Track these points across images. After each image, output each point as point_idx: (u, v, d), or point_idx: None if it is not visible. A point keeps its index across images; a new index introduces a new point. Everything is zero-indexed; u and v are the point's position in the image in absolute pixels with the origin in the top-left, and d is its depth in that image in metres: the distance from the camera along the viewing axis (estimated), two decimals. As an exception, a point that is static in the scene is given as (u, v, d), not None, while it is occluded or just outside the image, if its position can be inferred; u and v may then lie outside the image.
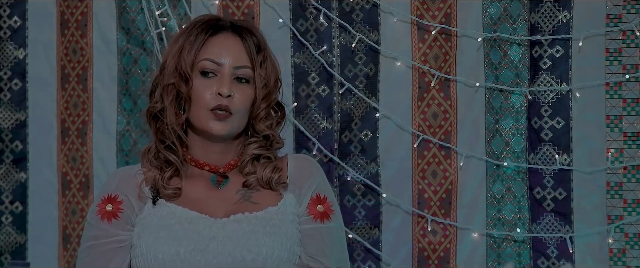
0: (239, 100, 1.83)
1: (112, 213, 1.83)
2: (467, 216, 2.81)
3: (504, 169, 2.78)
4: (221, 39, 1.86)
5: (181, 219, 1.80)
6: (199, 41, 1.85)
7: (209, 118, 1.82)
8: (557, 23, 2.71)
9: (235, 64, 1.84)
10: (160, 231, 1.79)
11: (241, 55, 1.86)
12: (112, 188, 1.86)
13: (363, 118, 2.86)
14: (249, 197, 1.85)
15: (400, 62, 2.83)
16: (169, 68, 1.84)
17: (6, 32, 3.06)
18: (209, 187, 1.87)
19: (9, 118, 3.07)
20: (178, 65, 1.83)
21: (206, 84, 1.83)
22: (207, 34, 1.86)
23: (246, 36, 1.88)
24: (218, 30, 1.87)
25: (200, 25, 1.87)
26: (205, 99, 1.82)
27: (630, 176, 2.67)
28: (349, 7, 2.85)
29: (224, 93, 1.81)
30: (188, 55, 1.83)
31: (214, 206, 1.83)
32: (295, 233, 1.83)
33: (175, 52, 1.85)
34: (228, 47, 1.85)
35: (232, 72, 1.83)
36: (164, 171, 1.85)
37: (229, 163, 1.88)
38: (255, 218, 1.80)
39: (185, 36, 1.86)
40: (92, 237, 1.83)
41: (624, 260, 2.67)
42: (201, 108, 1.82)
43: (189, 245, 1.76)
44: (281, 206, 1.84)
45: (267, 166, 1.87)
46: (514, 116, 2.77)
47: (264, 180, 1.86)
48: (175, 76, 1.83)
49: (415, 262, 2.83)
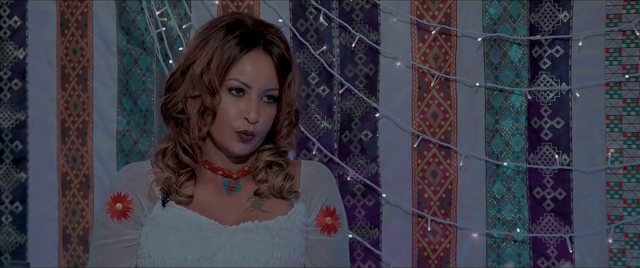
0: (264, 122, 1.81)
1: (122, 213, 1.82)
2: (467, 216, 2.81)
3: (503, 169, 2.78)
4: (253, 59, 1.80)
5: (190, 224, 1.79)
6: (231, 56, 1.80)
7: (233, 138, 1.79)
8: (557, 23, 2.71)
9: (266, 88, 1.80)
10: (169, 235, 1.78)
11: (271, 77, 1.81)
12: (122, 186, 1.85)
13: (363, 118, 2.86)
14: (259, 205, 1.84)
15: (400, 62, 2.83)
16: (195, 74, 1.78)
17: (6, 32, 3.06)
18: (220, 192, 1.86)
19: (9, 118, 3.07)
20: (206, 77, 1.79)
21: (234, 102, 1.79)
22: (240, 51, 1.81)
23: (274, 51, 1.83)
24: (251, 47, 1.82)
25: (234, 36, 1.79)
26: (231, 118, 1.78)
27: (630, 176, 2.67)
28: (349, 7, 2.85)
29: (252, 119, 1.78)
30: (218, 69, 1.78)
31: (224, 212, 1.82)
32: (302, 242, 1.82)
33: (203, 59, 1.79)
34: (260, 68, 1.80)
35: (261, 94, 1.81)
36: (180, 175, 1.83)
37: (242, 169, 1.87)
38: (265, 228, 1.79)
39: (215, 42, 1.78)
40: (103, 236, 1.82)
41: (624, 260, 2.67)
42: (226, 127, 1.79)
43: (197, 252, 1.75)
44: (291, 215, 1.83)
45: (279, 174, 1.86)
46: (514, 116, 2.77)
47: (276, 189, 1.85)
48: (202, 88, 1.79)
49: (415, 262, 2.83)
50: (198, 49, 1.81)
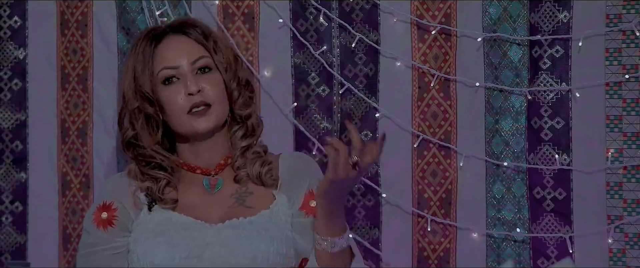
0: (211, 90, 1.83)
1: (108, 221, 1.84)
2: (467, 216, 2.81)
3: (503, 169, 2.78)
4: (167, 44, 1.85)
5: (177, 225, 1.81)
6: (147, 55, 1.83)
7: (190, 120, 1.82)
8: (557, 23, 2.71)
9: (191, 60, 1.83)
10: (156, 237, 1.79)
11: (193, 49, 1.85)
12: (107, 195, 1.88)
13: (363, 118, 2.86)
14: (242, 201, 1.85)
15: (400, 62, 2.83)
16: (128, 94, 1.84)
17: (6, 32, 3.06)
18: (203, 191, 1.87)
19: (9, 118, 3.07)
20: (137, 88, 1.82)
21: (173, 90, 1.82)
22: (152, 46, 1.84)
23: (188, 30, 1.87)
24: (160, 38, 1.86)
25: (142, 40, 1.85)
26: (179, 104, 1.81)
27: (630, 176, 2.67)
28: (349, 7, 2.85)
29: (193, 91, 1.81)
30: (142, 74, 1.82)
31: (208, 211, 1.84)
32: (288, 235, 1.83)
33: (129, 76, 1.84)
34: (177, 47, 1.84)
35: (191, 68, 1.83)
36: (159, 182, 1.86)
37: (219, 164, 1.88)
38: (250, 223, 1.81)
39: (132, 56, 1.85)
40: (90, 244, 1.85)
41: (624, 260, 2.67)
42: (179, 115, 1.82)
43: (185, 252, 1.77)
44: (274, 208, 1.85)
45: (257, 161, 1.88)
46: (514, 116, 2.77)
47: (254, 175, 1.87)
48: (137, 99, 1.83)
49: (415, 262, 2.83)
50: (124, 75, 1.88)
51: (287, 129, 2.86)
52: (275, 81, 2.83)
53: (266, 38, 2.88)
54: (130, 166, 1.91)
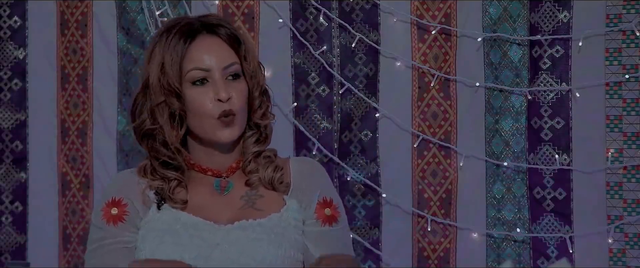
0: (237, 98, 1.81)
1: (118, 217, 1.83)
2: (467, 216, 2.81)
3: (503, 169, 2.78)
4: (201, 44, 1.82)
5: (186, 225, 1.80)
6: (179, 51, 1.81)
7: (216, 127, 1.79)
8: (557, 23, 2.71)
9: (224, 65, 1.81)
10: (165, 236, 1.78)
11: (226, 53, 1.82)
12: (115, 191, 1.86)
13: (363, 118, 2.86)
14: (252, 203, 1.85)
15: (400, 62, 2.83)
16: (154, 84, 1.80)
17: (6, 32, 3.06)
18: (213, 192, 1.86)
19: (9, 118, 3.07)
20: (164, 81, 1.80)
21: (202, 92, 1.79)
22: (185, 42, 1.82)
23: (222, 32, 1.85)
24: (194, 35, 1.84)
25: (174, 33, 1.80)
26: (207, 108, 1.78)
27: (630, 176, 2.67)
28: (349, 7, 2.85)
29: (223, 98, 1.78)
30: (172, 69, 1.79)
31: (218, 212, 1.83)
32: (298, 239, 1.83)
33: (156, 66, 1.80)
34: (210, 49, 1.81)
35: (223, 73, 1.81)
36: (170, 182, 1.84)
37: (231, 167, 1.87)
38: (259, 226, 1.80)
39: (162, 48, 1.80)
40: (99, 239, 1.83)
41: (624, 260, 2.67)
42: (206, 118, 1.79)
43: (193, 252, 1.76)
44: (284, 212, 1.84)
45: (269, 166, 1.87)
46: (514, 116, 2.77)
47: (266, 180, 1.86)
48: (163, 93, 1.80)
49: (415, 262, 2.83)
50: (149, 63, 1.82)
51: (287, 129, 2.86)
52: (275, 81, 2.83)
53: (266, 38, 2.89)
54: (141, 164, 1.89)
